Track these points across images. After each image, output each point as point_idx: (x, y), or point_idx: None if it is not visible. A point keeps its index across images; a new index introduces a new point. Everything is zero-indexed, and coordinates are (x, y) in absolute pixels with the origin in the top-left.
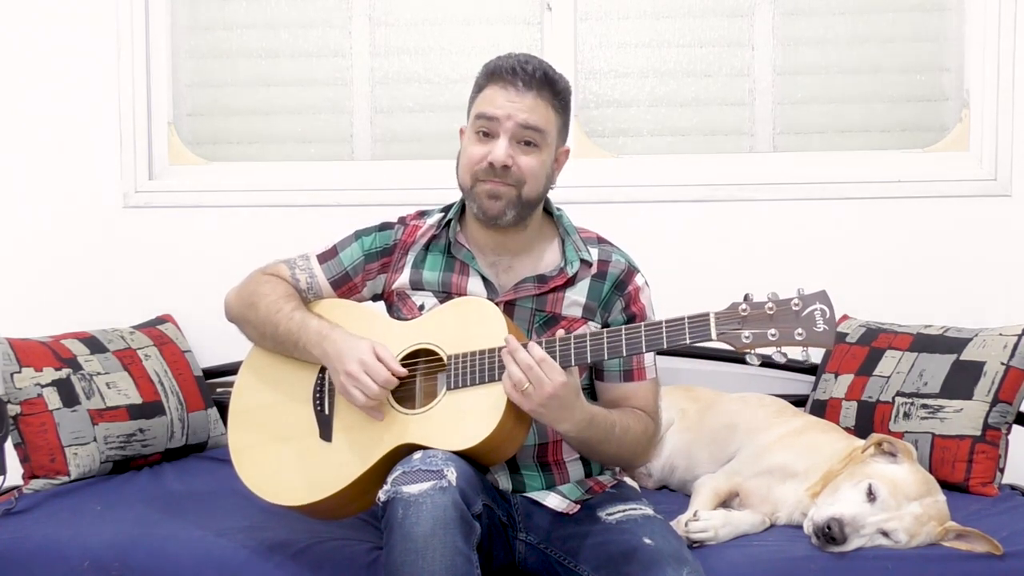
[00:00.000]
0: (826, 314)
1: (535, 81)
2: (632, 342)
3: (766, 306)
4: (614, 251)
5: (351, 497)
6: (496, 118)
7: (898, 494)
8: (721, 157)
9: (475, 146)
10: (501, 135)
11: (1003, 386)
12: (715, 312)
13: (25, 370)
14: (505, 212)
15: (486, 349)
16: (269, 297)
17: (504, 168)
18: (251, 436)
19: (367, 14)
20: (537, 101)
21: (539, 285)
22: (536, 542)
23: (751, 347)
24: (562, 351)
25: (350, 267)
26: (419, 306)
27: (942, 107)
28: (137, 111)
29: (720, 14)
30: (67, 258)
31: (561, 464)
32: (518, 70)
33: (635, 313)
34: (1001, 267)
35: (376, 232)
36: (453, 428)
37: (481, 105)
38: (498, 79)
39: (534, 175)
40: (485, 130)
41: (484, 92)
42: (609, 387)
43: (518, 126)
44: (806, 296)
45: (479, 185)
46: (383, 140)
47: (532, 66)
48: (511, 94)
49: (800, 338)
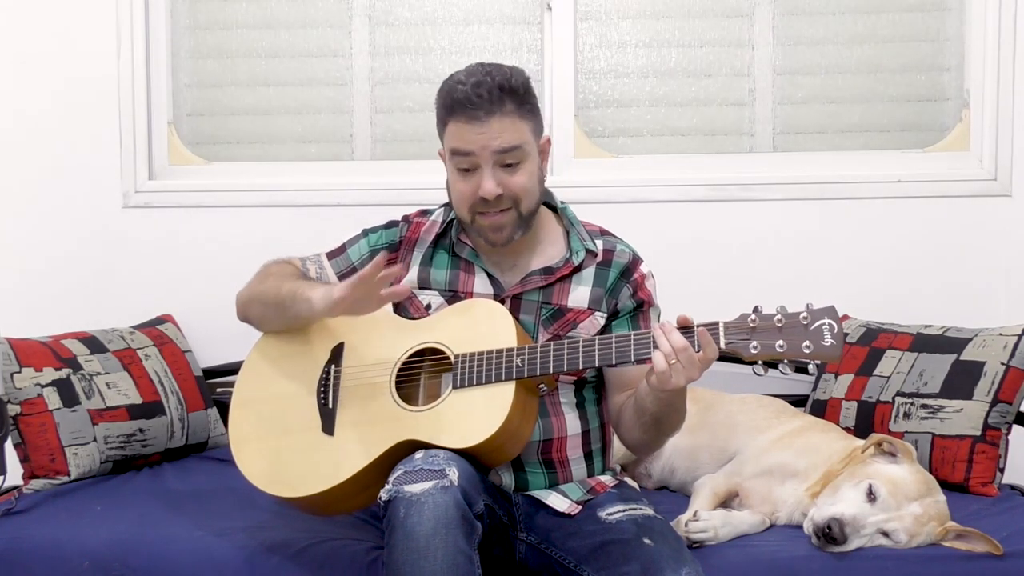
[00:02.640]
0: (834, 329)
1: (493, 103)
2: (641, 347)
3: (775, 318)
4: (618, 242)
5: (350, 492)
6: (471, 153)
7: (898, 494)
8: (721, 157)
9: (460, 183)
10: (482, 166)
11: (1003, 386)
12: (724, 322)
13: (25, 370)
14: (512, 236)
15: (494, 349)
16: (277, 274)
17: (497, 197)
18: (252, 428)
19: (367, 14)
20: (503, 121)
21: (545, 277)
22: (536, 542)
23: (758, 358)
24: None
25: (357, 262)
26: (425, 305)
27: (942, 107)
28: (137, 111)
29: (720, 14)
30: (67, 258)
31: (564, 462)
32: (473, 99)
33: (643, 299)
34: (1001, 267)
35: (383, 229)
36: (458, 425)
37: (451, 141)
38: (458, 114)
39: (526, 189)
40: (464, 166)
41: (449, 127)
42: (620, 370)
43: (494, 154)
44: (815, 311)
45: (479, 219)
46: (383, 140)
47: (485, 87)
48: (476, 127)
49: (808, 351)
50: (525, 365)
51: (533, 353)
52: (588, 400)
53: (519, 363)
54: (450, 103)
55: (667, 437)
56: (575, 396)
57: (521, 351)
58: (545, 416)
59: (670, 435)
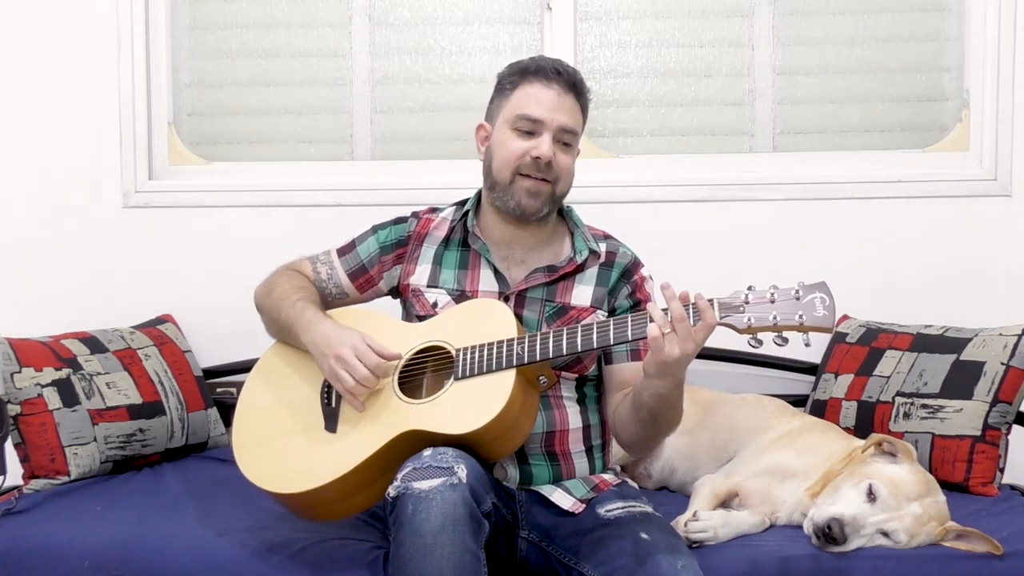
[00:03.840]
0: (826, 301)
1: (571, 85)
2: (638, 325)
3: (767, 293)
4: (620, 245)
5: (352, 488)
6: (541, 120)
7: (898, 494)
8: (721, 157)
9: (515, 141)
10: (545, 132)
11: (1003, 386)
12: (719, 298)
13: (25, 370)
14: (542, 208)
15: (494, 341)
16: (283, 287)
17: (548, 164)
18: (255, 432)
19: (367, 14)
20: (575, 104)
21: (549, 274)
22: (538, 540)
23: (752, 330)
24: (584, 337)
25: (366, 259)
26: (432, 303)
27: (942, 107)
28: (137, 111)
29: (720, 14)
30: (67, 258)
31: (568, 456)
32: (560, 72)
33: (640, 300)
34: (1001, 267)
35: (392, 225)
36: (458, 412)
37: (522, 104)
38: (540, 78)
39: (568, 173)
40: (527, 128)
41: (523, 89)
42: (617, 368)
43: (560, 129)
44: (806, 286)
45: (520, 180)
46: (383, 140)
47: (567, 71)
48: (553, 95)
49: (800, 320)
50: (525, 352)
51: (532, 340)
52: (589, 397)
53: (519, 351)
54: (534, 68)
55: (663, 436)
56: (576, 391)
57: (521, 340)
58: (548, 409)
59: (666, 434)
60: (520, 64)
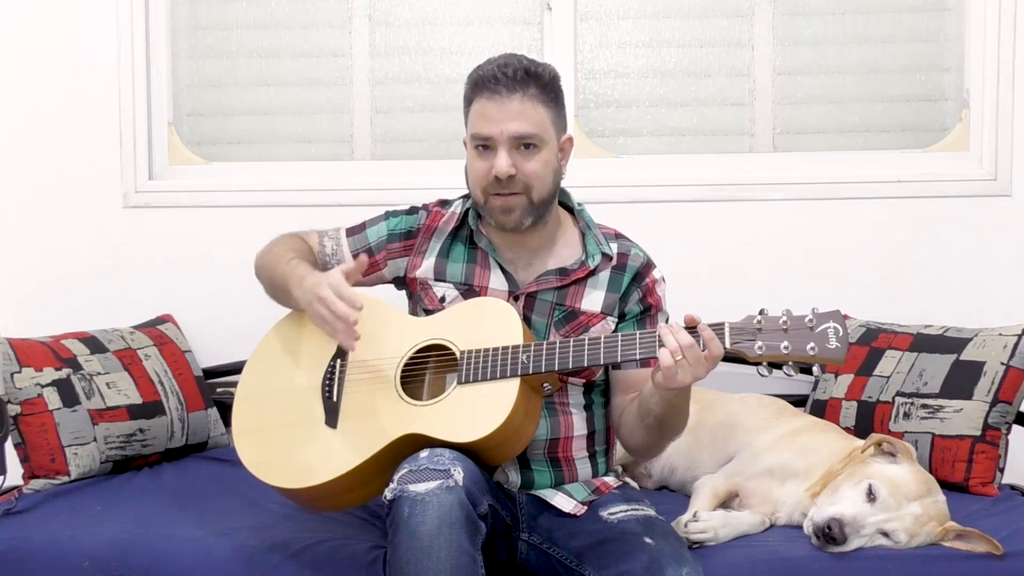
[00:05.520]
0: (839, 332)
1: (518, 82)
2: (646, 346)
3: (780, 320)
4: (632, 246)
5: (351, 485)
6: (490, 136)
7: (898, 494)
8: (721, 157)
9: (477, 162)
10: (499, 148)
11: (1003, 386)
12: (730, 323)
13: (25, 370)
14: (521, 221)
15: (500, 347)
16: (282, 246)
17: (509, 178)
18: (255, 420)
19: (367, 14)
20: (524, 104)
21: (560, 278)
22: (539, 542)
23: (763, 359)
24: (591, 353)
25: (374, 243)
26: (440, 297)
27: (942, 107)
28: (137, 111)
29: (720, 14)
30: (67, 258)
31: (571, 461)
32: (499, 76)
33: (651, 304)
34: (1001, 267)
35: (404, 215)
36: (461, 420)
37: (474, 123)
38: (482, 89)
39: (539, 177)
40: (483, 145)
41: (473, 106)
42: (624, 374)
43: (512, 138)
44: (820, 314)
45: (491, 200)
46: (383, 140)
47: (512, 68)
48: (496, 106)
49: (812, 353)
50: (531, 362)
51: (539, 350)
52: (596, 403)
53: (524, 360)
54: (476, 80)
55: (668, 441)
56: (584, 398)
57: (527, 348)
58: (553, 415)
59: (672, 439)
60: (472, 75)
